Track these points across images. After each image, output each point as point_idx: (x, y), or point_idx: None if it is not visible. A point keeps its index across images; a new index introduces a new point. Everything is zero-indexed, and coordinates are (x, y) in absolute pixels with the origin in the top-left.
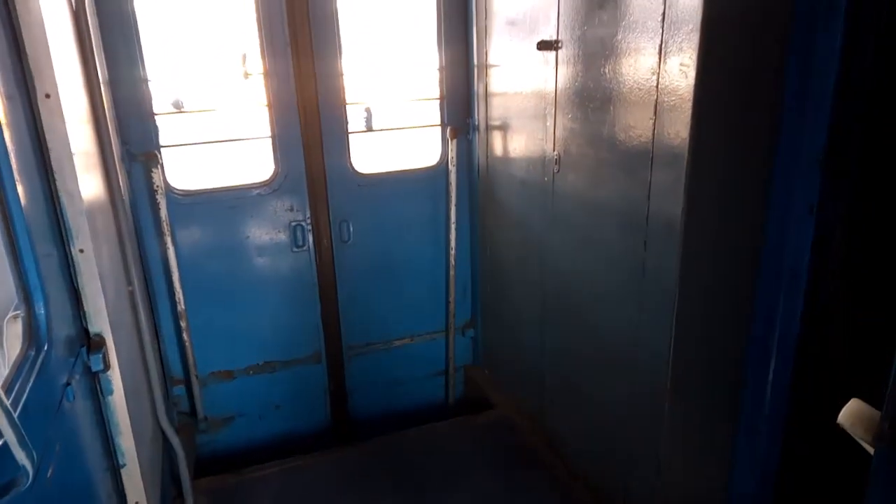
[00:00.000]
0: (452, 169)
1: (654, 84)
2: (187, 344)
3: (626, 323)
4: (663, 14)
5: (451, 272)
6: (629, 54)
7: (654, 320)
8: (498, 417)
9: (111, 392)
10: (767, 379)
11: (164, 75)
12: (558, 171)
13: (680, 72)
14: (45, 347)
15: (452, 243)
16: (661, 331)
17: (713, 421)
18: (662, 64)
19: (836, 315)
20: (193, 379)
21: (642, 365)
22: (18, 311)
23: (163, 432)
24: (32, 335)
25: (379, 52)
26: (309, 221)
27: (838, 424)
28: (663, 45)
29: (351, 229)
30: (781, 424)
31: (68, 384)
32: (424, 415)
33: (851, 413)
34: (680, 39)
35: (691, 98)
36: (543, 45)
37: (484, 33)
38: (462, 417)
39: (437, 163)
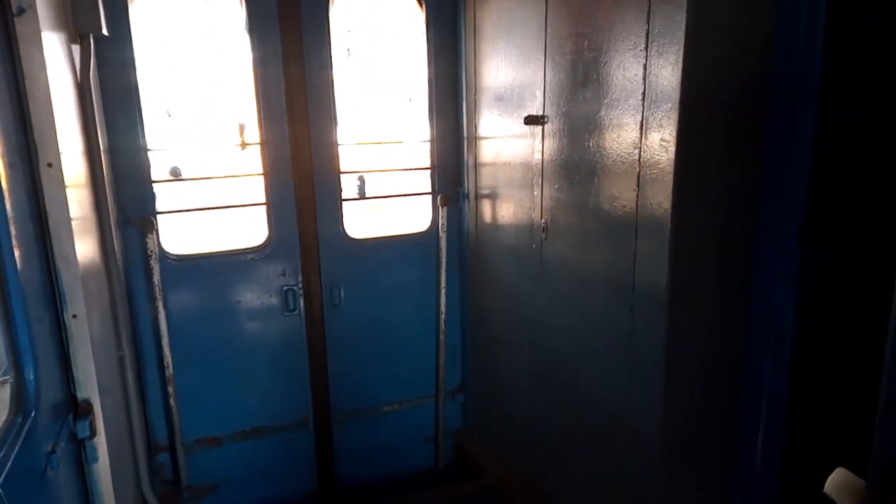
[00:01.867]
0: (443, 235)
1: (637, 158)
2: (174, 410)
3: (616, 389)
4: (643, 93)
5: (441, 336)
6: (612, 130)
7: (643, 386)
8: (489, 483)
9: (96, 460)
10: (758, 445)
11: (163, 144)
12: (546, 238)
13: (661, 146)
14: (32, 414)
15: (442, 308)
16: (651, 397)
17: (707, 488)
18: (644, 139)
19: (823, 378)
20: (178, 446)
21: (634, 430)
22: (7, 377)
23: (145, 502)
24: (20, 401)
25: (373, 122)
26: (301, 286)
27: (825, 494)
28: (644, 122)
29: (342, 293)
30: (774, 490)
31: (53, 452)
32: (414, 481)
33: (837, 482)
34: (660, 117)
35: (672, 171)
36: (530, 120)
37: (473, 108)
38: (453, 484)
39: (428, 229)
